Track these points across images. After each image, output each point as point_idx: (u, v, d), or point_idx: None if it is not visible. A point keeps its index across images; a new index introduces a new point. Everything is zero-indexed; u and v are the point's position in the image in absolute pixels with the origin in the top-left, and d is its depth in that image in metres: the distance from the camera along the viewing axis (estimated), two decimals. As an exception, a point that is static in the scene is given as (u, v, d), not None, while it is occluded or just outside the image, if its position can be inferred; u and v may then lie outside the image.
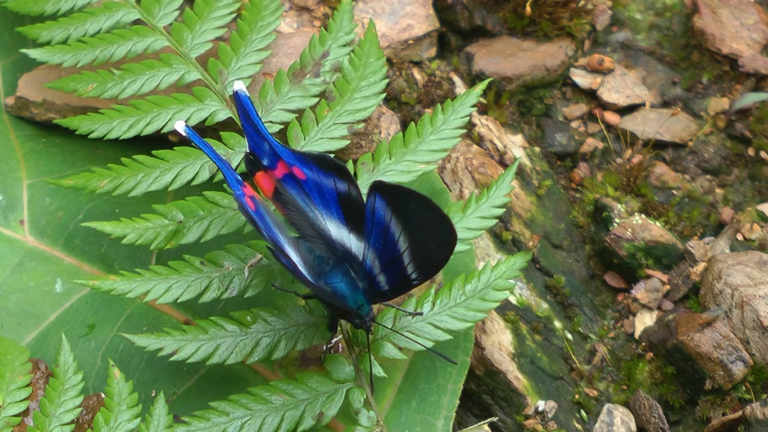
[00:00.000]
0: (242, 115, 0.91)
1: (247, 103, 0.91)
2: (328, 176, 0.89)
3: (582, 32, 1.17)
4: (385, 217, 0.84)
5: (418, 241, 0.84)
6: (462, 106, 0.98)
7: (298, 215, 0.89)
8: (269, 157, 0.90)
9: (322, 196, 0.89)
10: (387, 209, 0.84)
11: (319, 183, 0.89)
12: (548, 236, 1.08)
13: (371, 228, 0.86)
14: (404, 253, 0.85)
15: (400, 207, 0.83)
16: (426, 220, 0.84)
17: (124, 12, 1.04)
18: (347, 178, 0.88)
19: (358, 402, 0.89)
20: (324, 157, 0.89)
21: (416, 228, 0.84)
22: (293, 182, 0.90)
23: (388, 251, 0.85)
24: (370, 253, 0.86)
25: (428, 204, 0.83)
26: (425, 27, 1.16)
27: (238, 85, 0.92)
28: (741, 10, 1.18)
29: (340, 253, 0.88)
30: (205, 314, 0.96)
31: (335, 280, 0.87)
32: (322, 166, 0.89)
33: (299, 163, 0.90)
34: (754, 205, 1.10)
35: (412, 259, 0.85)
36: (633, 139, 1.13)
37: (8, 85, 1.11)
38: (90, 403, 0.93)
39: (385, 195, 0.84)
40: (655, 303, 1.05)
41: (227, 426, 0.88)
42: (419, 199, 0.83)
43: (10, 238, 1.02)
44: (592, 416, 1.01)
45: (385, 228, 0.85)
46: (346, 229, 0.89)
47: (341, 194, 0.88)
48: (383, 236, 0.85)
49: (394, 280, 0.86)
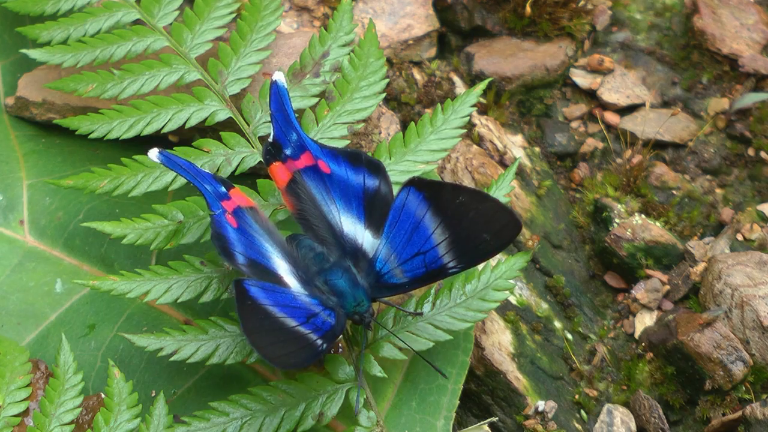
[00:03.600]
0: (276, 104, 0.92)
1: (284, 93, 0.93)
2: (358, 171, 0.90)
3: (582, 32, 1.17)
4: (418, 211, 0.86)
5: (464, 232, 0.86)
6: (462, 106, 0.98)
7: (311, 207, 0.91)
8: (294, 148, 0.92)
9: (345, 190, 0.91)
10: (423, 203, 0.86)
11: (345, 178, 0.91)
12: (548, 236, 1.08)
13: (395, 223, 0.87)
14: (440, 245, 0.86)
15: (442, 200, 0.86)
16: (478, 212, 0.86)
17: (124, 12, 1.04)
18: (380, 174, 0.90)
19: (358, 402, 0.89)
20: (358, 154, 0.91)
21: (462, 220, 0.86)
22: (315, 174, 0.91)
23: (416, 244, 0.87)
24: (386, 249, 0.88)
25: (481, 196, 0.86)
26: (425, 27, 1.16)
27: (277, 75, 0.93)
28: (741, 10, 1.18)
29: (348, 249, 0.89)
30: (205, 314, 0.96)
31: (334, 277, 0.87)
32: (353, 162, 0.91)
33: (327, 157, 0.91)
34: (754, 205, 1.10)
35: (452, 249, 0.86)
36: (633, 139, 1.13)
37: (8, 85, 1.11)
38: (90, 403, 0.93)
39: (422, 189, 0.86)
40: (655, 303, 1.05)
41: (227, 426, 0.88)
42: (469, 193, 0.86)
43: (10, 238, 1.02)
44: (592, 416, 1.01)
45: (416, 222, 0.86)
46: (363, 225, 0.90)
47: (368, 190, 0.90)
48: (411, 231, 0.87)
49: (420, 272, 0.87)
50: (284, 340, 0.83)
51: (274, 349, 0.83)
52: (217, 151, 0.96)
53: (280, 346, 0.83)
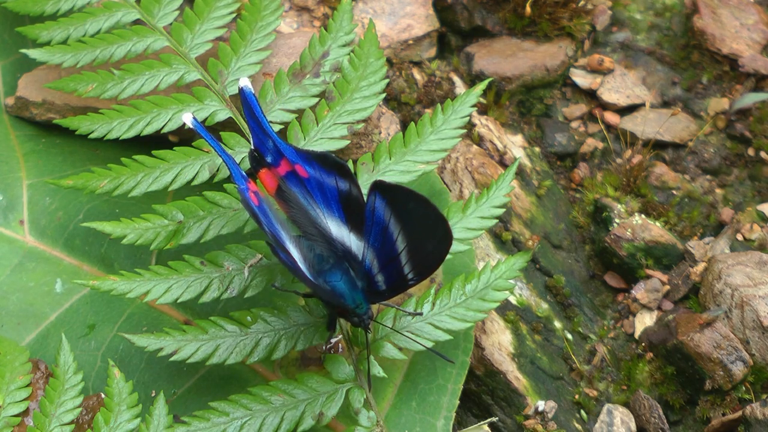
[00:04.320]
0: (247, 112, 0.91)
1: (252, 99, 0.91)
2: (330, 175, 0.89)
3: (582, 32, 1.17)
4: (385, 216, 0.85)
5: (416, 241, 0.84)
6: (462, 106, 0.98)
7: (300, 213, 0.90)
8: (273, 155, 0.90)
9: (323, 194, 0.89)
10: (386, 209, 0.85)
11: (321, 181, 0.89)
12: (548, 236, 1.08)
13: (371, 227, 0.86)
14: (402, 252, 0.85)
15: (398, 207, 0.84)
16: (423, 220, 0.84)
17: (124, 12, 1.04)
18: (348, 176, 0.88)
19: (358, 402, 0.89)
20: (326, 156, 0.89)
21: (414, 228, 0.84)
22: (296, 180, 0.90)
23: (387, 251, 0.86)
24: (369, 253, 0.87)
25: (425, 204, 0.83)
26: (425, 27, 1.16)
27: (243, 82, 0.92)
28: (741, 10, 1.18)
29: (340, 252, 0.89)
30: (205, 314, 0.96)
31: (334, 279, 0.87)
32: (324, 165, 0.89)
33: (302, 161, 0.90)
34: (754, 205, 1.10)
35: (409, 258, 0.85)
36: (633, 139, 1.13)
37: (8, 85, 1.11)
38: (90, 403, 0.93)
39: (384, 194, 0.84)
40: (655, 303, 1.05)
41: (227, 426, 0.88)
42: (417, 199, 0.83)
43: (10, 238, 1.02)
44: (592, 416, 1.01)
45: (384, 227, 0.85)
46: (347, 228, 0.89)
47: (342, 193, 0.89)
48: (382, 236, 0.86)
49: (392, 280, 0.87)
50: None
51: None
52: (217, 151, 0.96)
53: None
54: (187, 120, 0.89)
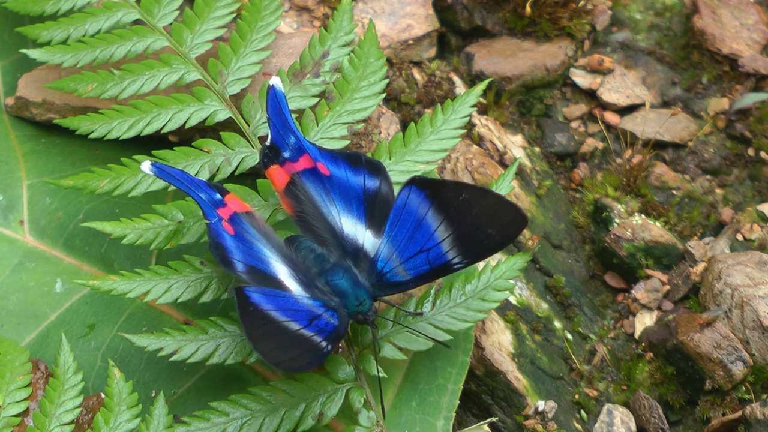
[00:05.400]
0: (273, 108, 0.93)
1: (282, 98, 0.93)
2: (358, 173, 0.91)
3: (582, 32, 1.17)
4: (420, 210, 0.87)
5: (468, 228, 0.86)
6: (462, 106, 0.98)
7: (310, 209, 0.91)
8: (292, 151, 0.92)
9: (344, 192, 0.91)
10: (425, 201, 0.87)
11: (345, 180, 0.91)
12: (548, 236, 1.08)
13: (397, 222, 0.88)
14: (443, 241, 0.87)
15: (444, 198, 0.86)
16: (481, 207, 0.86)
17: (124, 12, 1.04)
18: (380, 174, 0.91)
19: (358, 402, 0.89)
20: (358, 155, 0.92)
21: (465, 216, 0.86)
22: (314, 177, 0.91)
23: (419, 242, 0.88)
24: (388, 247, 0.88)
25: (484, 193, 0.87)
26: (425, 27, 1.16)
27: (274, 80, 0.94)
28: (741, 10, 1.18)
29: (348, 249, 0.89)
30: (205, 314, 0.96)
31: (336, 277, 0.88)
32: (353, 163, 0.91)
33: (326, 160, 0.92)
34: (754, 205, 1.10)
35: (456, 245, 0.87)
36: (633, 139, 1.13)
37: (8, 85, 1.11)
38: (90, 403, 0.93)
39: (423, 188, 0.87)
40: (655, 303, 1.05)
41: (227, 426, 0.88)
42: (471, 189, 0.87)
43: (10, 238, 1.02)
44: (592, 416, 1.01)
45: (418, 220, 0.87)
46: (363, 225, 0.90)
47: (368, 191, 0.91)
48: (414, 229, 0.88)
49: (423, 269, 0.88)
50: (289, 344, 0.83)
51: (280, 353, 0.83)
52: (217, 151, 0.96)
53: (285, 351, 0.83)
54: (145, 168, 0.90)
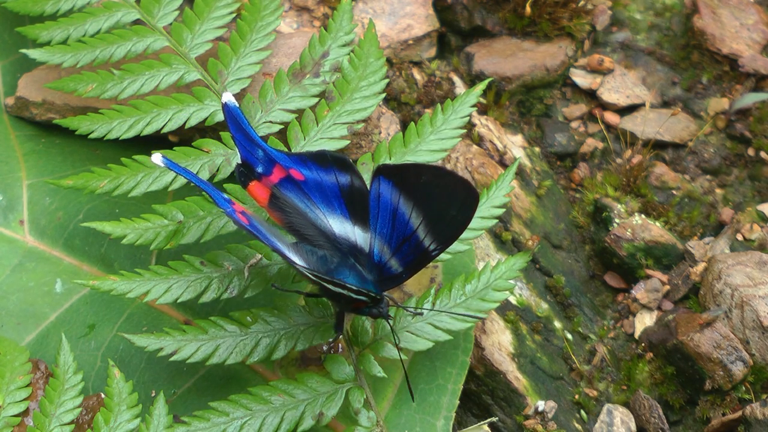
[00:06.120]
0: (233, 126, 0.91)
1: (238, 113, 0.91)
2: (328, 171, 0.89)
3: (582, 32, 1.17)
4: (393, 198, 0.86)
5: (434, 212, 0.85)
6: (462, 106, 0.98)
7: (298, 217, 0.90)
8: (264, 164, 0.90)
9: (322, 193, 0.89)
10: (394, 190, 0.85)
11: (319, 180, 0.89)
12: (548, 236, 1.08)
13: (377, 214, 0.87)
14: (419, 228, 0.86)
15: (408, 183, 0.85)
16: (440, 188, 0.85)
17: (124, 12, 1.04)
18: (348, 168, 0.89)
19: (358, 402, 0.89)
20: (323, 154, 0.90)
21: (430, 199, 0.85)
22: (291, 185, 0.90)
23: (400, 232, 0.86)
24: (378, 241, 0.87)
25: (440, 172, 0.85)
26: (425, 27, 1.16)
27: (226, 97, 0.91)
28: (741, 10, 1.18)
29: (345, 249, 0.89)
30: (205, 314, 0.96)
31: (342, 276, 0.87)
32: (321, 163, 0.89)
33: (297, 165, 0.90)
34: (754, 205, 1.10)
35: (429, 231, 0.86)
36: (633, 139, 1.13)
37: (8, 85, 1.11)
38: (90, 403, 0.93)
39: (390, 176, 0.85)
40: (655, 303, 1.05)
41: (227, 426, 0.88)
42: (429, 170, 0.85)
43: (10, 238, 1.02)
44: (592, 416, 1.01)
45: (393, 210, 0.86)
46: (350, 222, 0.89)
47: (343, 187, 0.89)
48: (392, 219, 0.86)
49: (410, 259, 0.87)
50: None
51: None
52: (217, 151, 0.96)
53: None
54: (156, 160, 0.88)
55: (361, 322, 0.92)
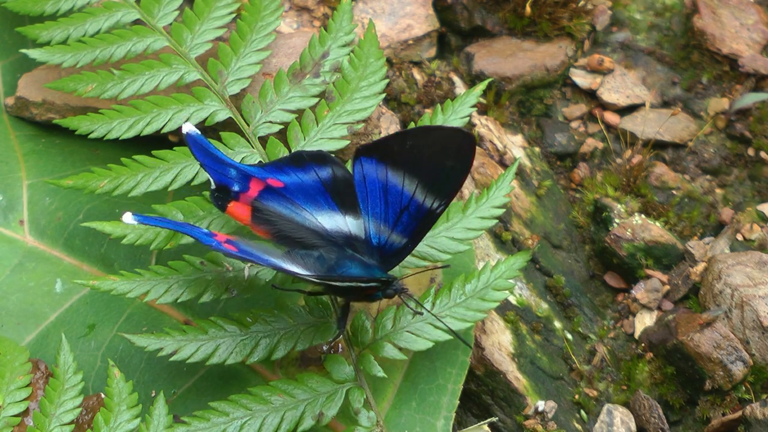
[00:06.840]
0: (199, 153, 0.90)
1: (202, 140, 0.91)
2: (307, 170, 0.90)
3: (582, 32, 1.17)
4: (379, 174, 0.86)
5: (429, 171, 0.85)
6: (462, 106, 0.98)
7: (285, 224, 0.90)
8: (239, 182, 0.90)
9: (305, 193, 0.90)
10: (379, 165, 0.86)
11: (299, 182, 0.90)
12: (548, 236, 1.08)
13: (366, 196, 0.87)
14: (416, 193, 0.86)
15: (393, 154, 0.85)
16: (429, 146, 0.85)
17: (124, 12, 1.04)
18: (326, 161, 0.89)
19: (358, 402, 0.89)
20: (298, 154, 0.90)
21: (421, 161, 0.85)
22: (272, 194, 0.90)
23: (395, 205, 0.87)
24: (372, 223, 0.88)
25: (426, 129, 0.86)
26: (425, 27, 1.16)
27: (187, 127, 0.91)
28: (741, 10, 1.18)
29: (341, 241, 0.89)
30: (205, 314, 0.96)
31: (345, 269, 0.87)
32: (298, 164, 0.90)
33: (273, 173, 0.90)
34: (754, 205, 1.10)
35: (428, 191, 0.86)
36: (633, 139, 1.13)
37: (8, 85, 1.11)
38: (90, 403, 0.93)
39: (372, 154, 0.86)
40: (655, 303, 1.05)
41: (227, 426, 0.88)
42: (414, 133, 0.85)
43: (10, 238, 1.02)
44: (592, 416, 1.01)
45: (383, 186, 0.86)
46: (340, 214, 0.89)
47: (325, 181, 0.89)
48: (383, 195, 0.87)
49: (414, 226, 0.87)
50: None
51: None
52: (217, 151, 0.96)
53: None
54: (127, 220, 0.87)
55: (361, 322, 0.92)
